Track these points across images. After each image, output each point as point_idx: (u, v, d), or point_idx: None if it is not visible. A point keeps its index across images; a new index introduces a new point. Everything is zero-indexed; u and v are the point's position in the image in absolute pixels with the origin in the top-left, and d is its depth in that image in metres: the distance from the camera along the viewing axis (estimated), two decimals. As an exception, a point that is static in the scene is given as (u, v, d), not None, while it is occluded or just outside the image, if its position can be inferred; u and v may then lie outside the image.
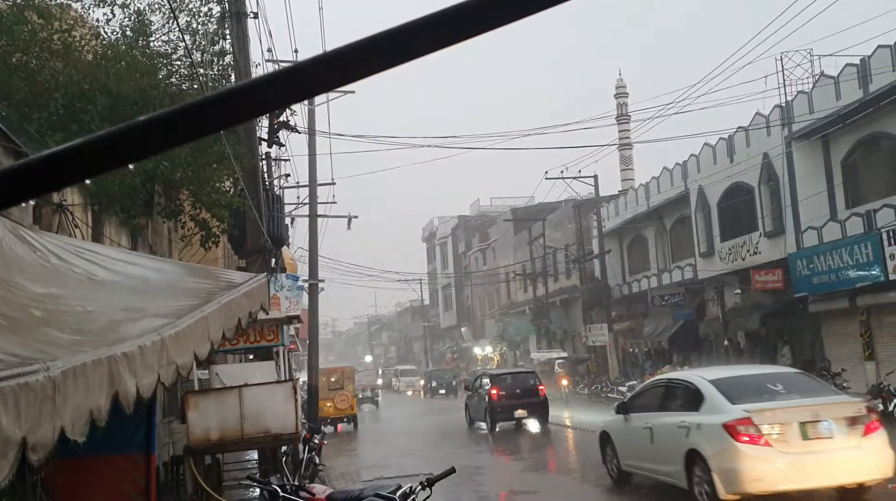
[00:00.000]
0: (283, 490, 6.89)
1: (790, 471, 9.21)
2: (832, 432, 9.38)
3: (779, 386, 10.43)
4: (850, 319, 23.63)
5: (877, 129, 22.67)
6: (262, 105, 0.94)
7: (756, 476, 9.17)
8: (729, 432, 9.38)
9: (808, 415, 9.44)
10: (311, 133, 22.51)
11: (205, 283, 6.01)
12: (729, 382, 10.56)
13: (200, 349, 4.38)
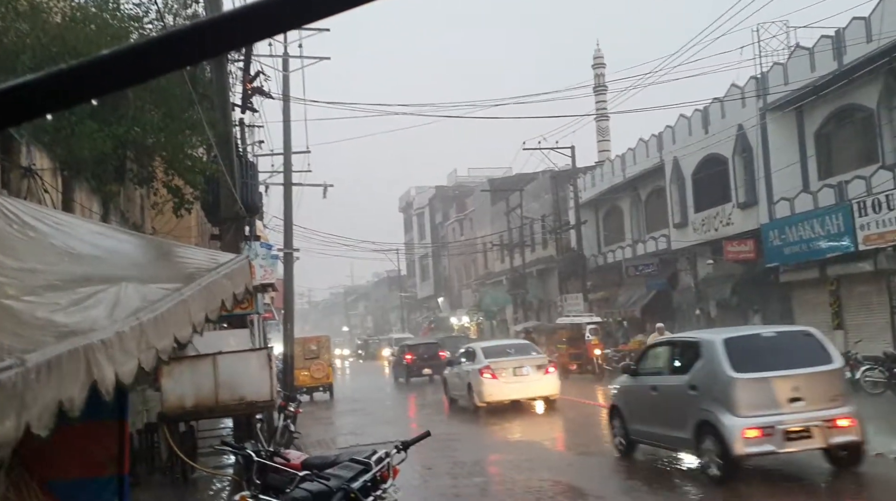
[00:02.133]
0: (258, 455, 6.91)
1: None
2: (529, 372, 19.59)
3: (511, 350, 21.03)
4: (820, 289, 23.97)
5: (850, 101, 22.84)
6: (227, 41, 0.94)
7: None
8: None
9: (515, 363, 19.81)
10: (285, 99, 22.30)
11: (185, 263, 5.95)
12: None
13: (182, 332, 4.33)
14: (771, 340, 10.58)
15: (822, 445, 9.59)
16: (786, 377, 9.65)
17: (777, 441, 9.36)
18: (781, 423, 9.38)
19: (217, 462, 12.98)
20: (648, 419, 11.45)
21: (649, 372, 12.03)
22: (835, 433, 9.48)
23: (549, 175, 43.35)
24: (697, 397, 10.11)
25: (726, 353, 9.88)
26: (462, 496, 9.98)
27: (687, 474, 10.54)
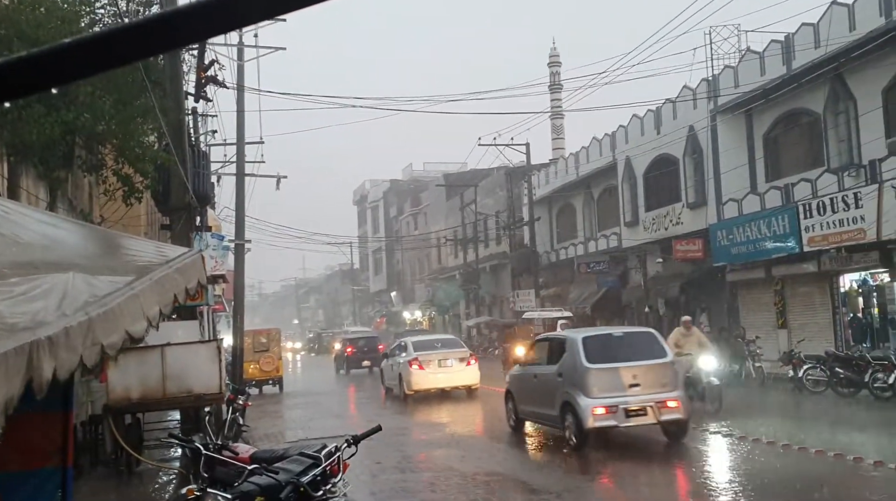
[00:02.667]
0: (206, 448, 6.85)
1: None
2: (453, 363, 21.40)
3: (438, 344, 22.92)
4: (766, 289, 24.52)
5: (798, 105, 23.37)
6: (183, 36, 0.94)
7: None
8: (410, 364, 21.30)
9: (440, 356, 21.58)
10: (239, 88, 22.01)
11: (136, 256, 5.83)
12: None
13: (134, 327, 4.23)
14: (619, 338, 13.29)
15: (655, 421, 12.05)
16: (627, 367, 12.20)
17: (619, 417, 11.91)
18: (623, 403, 11.90)
19: (164, 454, 12.82)
20: (531, 401, 13.87)
21: (533, 362, 14.31)
22: (665, 412, 12.00)
23: (504, 171, 43.56)
24: (562, 382, 12.55)
25: (583, 348, 12.41)
26: (411, 491, 10.01)
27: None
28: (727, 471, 10.75)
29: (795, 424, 14.85)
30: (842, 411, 15.46)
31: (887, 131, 20.14)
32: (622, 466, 11.33)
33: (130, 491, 9.98)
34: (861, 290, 21.70)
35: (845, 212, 19.77)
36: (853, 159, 21.22)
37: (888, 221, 18.42)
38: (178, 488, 8.96)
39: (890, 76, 20.07)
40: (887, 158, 19.20)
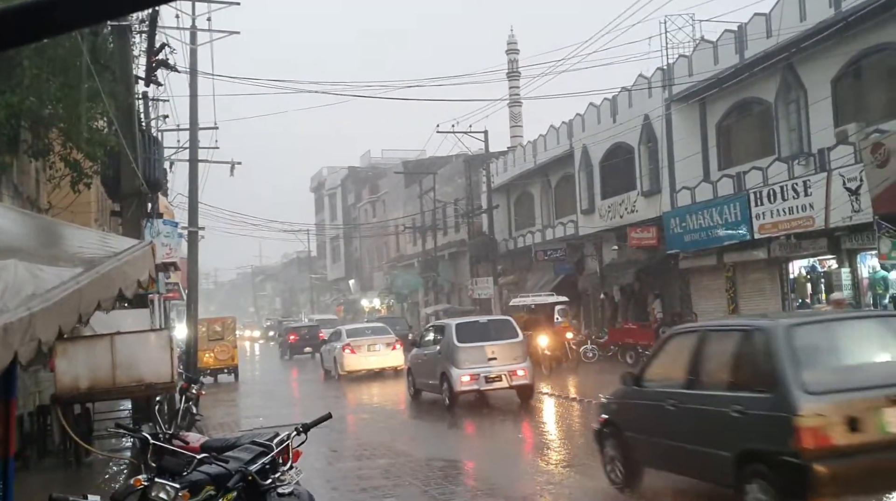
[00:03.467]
0: (156, 438, 6.75)
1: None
2: (380, 348, 24.38)
3: (368, 331, 26.35)
4: (717, 275, 24.90)
5: (750, 95, 23.71)
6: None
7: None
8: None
9: (370, 341, 24.88)
10: (192, 72, 21.67)
11: (84, 247, 5.67)
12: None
13: (66, 320, 4.13)
14: (484, 323, 17.72)
15: (508, 385, 16.24)
16: (488, 345, 16.29)
17: (481, 383, 16.14)
18: (484, 372, 16.06)
19: (115, 445, 12.64)
20: (422, 374, 18.00)
21: (425, 344, 18.18)
22: (515, 379, 16.16)
23: (463, 159, 43.56)
24: (442, 358, 16.59)
25: (456, 331, 16.62)
26: (366, 477, 10.00)
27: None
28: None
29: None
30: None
31: (836, 120, 20.54)
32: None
33: (79, 482, 9.81)
34: (810, 276, 22.15)
35: (795, 199, 20.14)
36: (803, 148, 21.61)
37: (836, 209, 18.81)
38: (128, 478, 8.83)
39: (839, 66, 20.46)
40: (836, 147, 19.58)
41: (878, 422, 6.08)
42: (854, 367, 6.90)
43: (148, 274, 5.83)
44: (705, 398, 7.31)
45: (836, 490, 6.13)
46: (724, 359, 7.37)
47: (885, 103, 19.59)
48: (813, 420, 6.06)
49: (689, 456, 7.51)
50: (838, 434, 6.07)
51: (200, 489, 5.39)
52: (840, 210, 18.68)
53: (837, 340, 7.14)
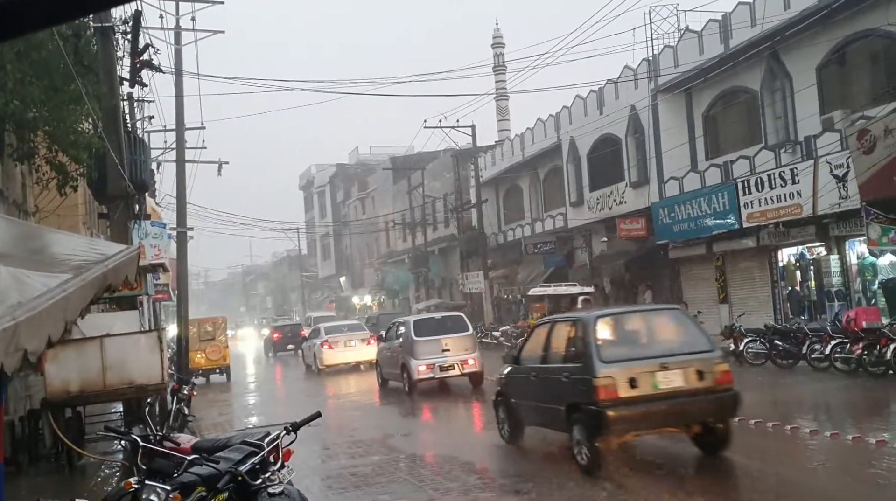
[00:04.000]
0: (146, 440, 6.74)
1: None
2: (356, 343, 25.97)
3: (345, 328, 27.88)
4: (707, 265, 24.99)
5: (735, 84, 23.77)
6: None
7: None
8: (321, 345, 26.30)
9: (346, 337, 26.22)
10: (177, 72, 21.57)
11: (71, 253, 5.62)
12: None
13: (54, 330, 4.08)
14: (438, 319, 19.51)
15: (460, 373, 17.97)
16: (442, 338, 17.95)
17: (436, 371, 17.84)
18: (438, 362, 17.74)
19: (107, 448, 12.60)
20: (388, 365, 19.91)
21: (390, 339, 20.01)
22: (466, 368, 17.91)
23: (451, 154, 43.50)
24: (403, 351, 18.48)
25: (413, 327, 18.50)
26: (359, 475, 10.00)
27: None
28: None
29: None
30: (781, 382, 15.86)
31: (822, 108, 20.62)
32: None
33: (71, 486, 9.78)
34: (798, 264, 22.24)
35: (782, 187, 20.22)
36: (789, 136, 21.69)
37: (823, 196, 18.88)
38: (119, 481, 8.81)
39: (823, 54, 20.52)
40: (822, 134, 19.66)
41: (652, 381, 8.82)
42: (637, 344, 9.74)
43: (125, 279, 5.76)
44: (550, 369, 10.09)
45: (623, 428, 8.91)
46: (560, 341, 10.07)
47: (869, 89, 19.68)
48: (605, 381, 8.73)
49: (542, 412, 10.20)
50: (623, 390, 8.71)
51: (191, 490, 5.38)
52: (828, 197, 18.76)
53: (627, 326, 10.06)
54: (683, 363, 9.04)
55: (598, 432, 8.88)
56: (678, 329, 9.96)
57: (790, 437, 10.39)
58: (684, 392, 8.94)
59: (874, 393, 13.95)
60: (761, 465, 9.18)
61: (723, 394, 9.17)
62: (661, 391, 8.84)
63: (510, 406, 11.09)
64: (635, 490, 8.27)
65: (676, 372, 8.94)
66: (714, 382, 9.12)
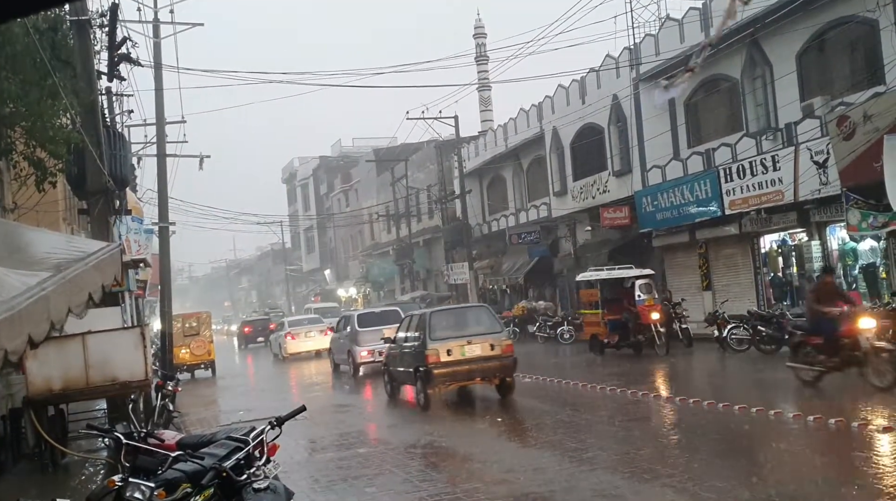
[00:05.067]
0: (130, 437, 6.68)
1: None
2: (315, 334, 30.91)
3: (306, 322, 33.36)
4: (690, 252, 25.10)
5: (716, 72, 23.81)
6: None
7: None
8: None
9: (306, 330, 31.80)
10: (156, 66, 21.36)
11: (50, 252, 5.54)
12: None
13: (37, 330, 4.02)
14: (380, 313, 22.95)
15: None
16: (382, 328, 19.76)
17: (375, 356, 20.26)
18: (378, 349, 19.49)
19: (91, 445, 12.52)
20: (338, 353, 23.49)
21: (340, 330, 23.57)
22: None
23: (434, 145, 43.43)
24: (349, 340, 21.99)
25: (357, 320, 22.13)
26: (345, 467, 9.99)
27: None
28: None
29: (720, 382, 15.35)
30: (764, 368, 15.97)
31: (802, 95, 20.70)
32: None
33: (55, 485, 9.71)
34: (781, 250, 22.38)
35: (764, 174, 20.31)
36: (770, 123, 21.78)
37: (804, 182, 18.99)
38: (104, 479, 8.75)
39: (803, 41, 20.60)
40: (802, 121, 19.75)
41: (461, 351, 14.31)
42: (454, 328, 14.98)
43: (113, 277, 5.69)
44: (406, 346, 15.55)
45: (443, 380, 14.34)
46: (413, 327, 15.58)
47: (849, 76, 19.77)
48: (432, 351, 14.22)
49: (403, 374, 15.65)
50: (443, 357, 14.23)
51: (176, 487, 5.33)
52: (808, 183, 18.87)
53: (449, 317, 15.71)
54: (482, 340, 14.54)
55: (429, 384, 14.41)
56: (481, 318, 15.43)
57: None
58: (482, 358, 14.42)
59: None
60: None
61: (506, 360, 14.54)
62: (467, 357, 14.37)
63: (390, 372, 16.66)
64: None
65: (477, 346, 14.46)
66: (501, 352, 14.52)
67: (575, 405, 13.60)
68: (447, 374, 14.22)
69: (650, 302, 20.42)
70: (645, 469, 8.46)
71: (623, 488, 7.81)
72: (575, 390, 15.45)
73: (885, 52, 17.70)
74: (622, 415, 12.14)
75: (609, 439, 10.51)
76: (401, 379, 16.11)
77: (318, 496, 8.69)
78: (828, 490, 7.35)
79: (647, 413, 12.51)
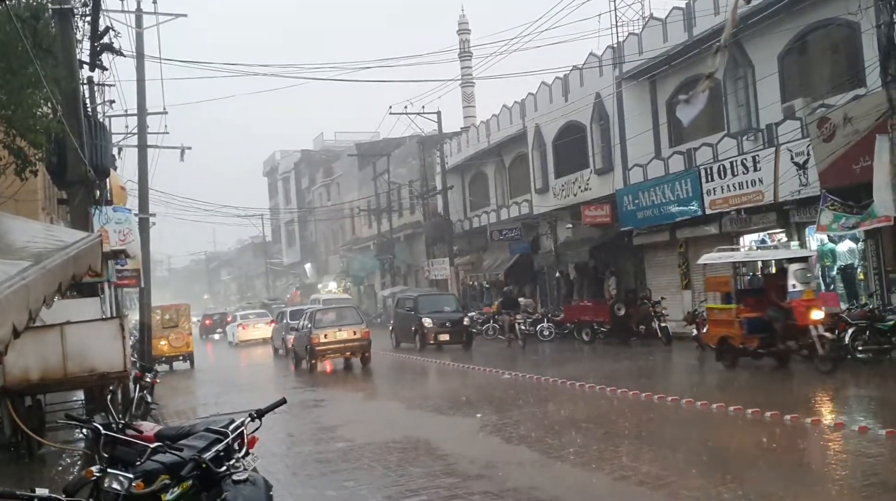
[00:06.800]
0: (108, 428, 6.64)
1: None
2: (261, 325, 38.65)
3: (253, 315, 42.43)
4: (670, 251, 25.25)
5: (699, 71, 23.77)
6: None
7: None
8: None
9: (254, 321, 40.46)
10: (139, 56, 21.22)
11: (31, 242, 5.49)
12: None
13: (18, 318, 3.99)
14: (334, 309, 25.68)
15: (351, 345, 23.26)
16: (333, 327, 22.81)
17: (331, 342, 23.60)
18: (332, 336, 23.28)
19: (68, 436, 12.44)
20: (298, 345, 24.23)
21: (299, 320, 25.75)
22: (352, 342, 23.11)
23: (416, 140, 43.42)
24: (308, 334, 22.52)
25: (311, 316, 23.22)
26: (324, 461, 10.00)
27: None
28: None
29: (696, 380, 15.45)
30: (742, 367, 16.05)
31: (783, 96, 20.88)
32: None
33: (31, 475, 9.64)
34: (759, 250, 22.53)
35: (744, 174, 20.47)
36: (751, 123, 21.95)
37: (784, 183, 19.16)
38: (82, 469, 8.69)
39: (785, 42, 20.76)
40: (783, 122, 19.91)
41: (334, 335, 22.07)
42: (330, 319, 22.70)
43: (88, 267, 5.64)
44: (302, 331, 23.08)
45: (322, 354, 22.21)
46: (306, 318, 23.04)
47: (830, 78, 19.95)
48: (315, 335, 21.87)
49: (301, 351, 23.03)
50: (322, 339, 22.01)
51: (154, 478, 5.31)
52: (788, 184, 19.04)
53: (328, 312, 23.88)
54: (347, 328, 22.03)
55: (313, 357, 21.98)
56: (349, 314, 23.38)
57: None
58: (348, 340, 21.84)
59: (811, 376, 13.69)
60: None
61: (364, 341, 21.96)
62: (338, 339, 21.81)
63: (296, 351, 23.85)
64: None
65: (344, 331, 21.90)
66: (361, 336, 21.96)
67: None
68: (324, 350, 21.98)
69: (808, 295, 14.71)
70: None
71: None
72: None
73: (867, 55, 17.86)
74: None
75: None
76: (300, 355, 23.46)
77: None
78: None
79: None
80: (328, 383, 19.81)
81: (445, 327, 25.80)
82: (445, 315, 26.40)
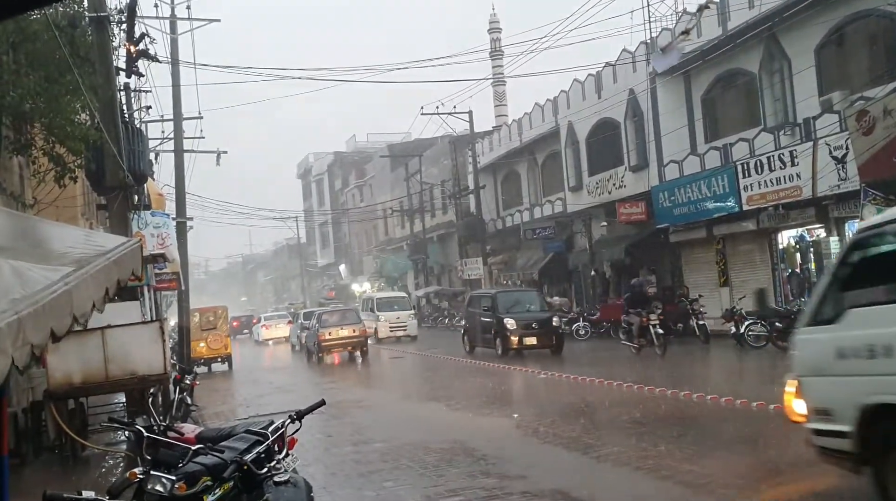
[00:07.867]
0: (150, 431, 6.72)
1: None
2: (281, 325, 45.09)
3: (276, 316, 49.42)
4: (708, 248, 24.97)
5: (734, 66, 23.67)
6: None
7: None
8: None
9: (276, 322, 47.55)
10: (174, 62, 21.48)
11: (72, 247, 5.55)
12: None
13: (60, 324, 4.03)
14: (339, 310, 30.59)
15: (350, 342, 27.06)
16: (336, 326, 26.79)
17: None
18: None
19: (111, 438, 12.61)
20: (309, 341, 28.22)
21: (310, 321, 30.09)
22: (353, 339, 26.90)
23: (448, 140, 43.43)
24: (316, 332, 26.69)
25: (319, 317, 27.66)
26: (363, 462, 10.02)
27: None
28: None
29: (737, 377, 15.25)
30: (781, 364, 15.82)
31: (820, 89, 20.54)
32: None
33: (76, 477, 9.79)
34: (799, 246, 22.23)
35: (782, 170, 20.18)
36: (788, 118, 21.63)
37: (822, 178, 18.85)
38: (124, 472, 8.81)
39: (822, 34, 20.42)
40: (821, 116, 19.60)
41: (337, 333, 26.51)
42: (332, 321, 26.82)
43: (131, 272, 5.71)
44: (310, 330, 28.21)
45: (327, 349, 26.49)
46: (314, 319, 28.85)
47: (868, 70, 19.60)
48: (322, 333, 26.39)
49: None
50: (327, 336, 26.35)
51: (196, 480, 5.36)
52: (827, 179, 18.73)
53: (332, 314, 27.93)
54: (348, 327, 26.10)
55: (320, 351, 26.11)
56: (350, 314, 27.46)
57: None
58: (348, 336, 25.97)
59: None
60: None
61: (361, 338, 26.08)
62: (341, 336, 25.99)
63: (308, 346, 27.43)
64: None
65: (346, 330, 26.01)
66: (359, 334, 26.09)
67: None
68: (328, 345, 26.15)
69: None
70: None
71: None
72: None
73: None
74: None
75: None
76: (311, 349, 27.67)
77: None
78: None
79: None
80: (375, 387, 19.77)
81: (532, 329, 22.05)
82: (531, 315, 22.66)
